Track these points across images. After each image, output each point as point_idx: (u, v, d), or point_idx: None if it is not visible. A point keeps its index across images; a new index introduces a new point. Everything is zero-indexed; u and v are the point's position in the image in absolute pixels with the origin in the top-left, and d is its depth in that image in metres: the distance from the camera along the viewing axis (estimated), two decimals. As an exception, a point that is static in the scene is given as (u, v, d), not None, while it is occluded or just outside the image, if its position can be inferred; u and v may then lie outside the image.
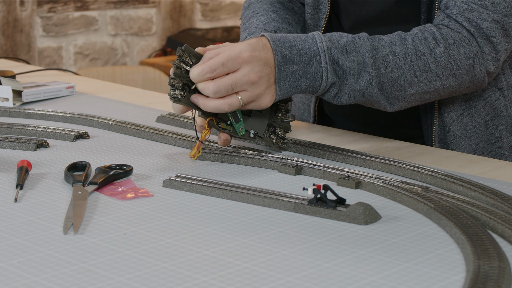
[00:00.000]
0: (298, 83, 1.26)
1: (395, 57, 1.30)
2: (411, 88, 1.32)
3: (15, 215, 1.05)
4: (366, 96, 1.30)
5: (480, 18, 1.34)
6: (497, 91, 1.48)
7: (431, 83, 1.33)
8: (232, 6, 4.73)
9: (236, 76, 1.21)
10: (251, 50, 1.22)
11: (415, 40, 1.32)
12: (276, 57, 1.24)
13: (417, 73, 1.31)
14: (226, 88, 1.21)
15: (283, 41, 1.25)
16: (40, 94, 1.74)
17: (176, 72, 1.23)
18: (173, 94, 1.22)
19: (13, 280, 0.85)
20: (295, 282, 0.85)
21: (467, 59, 1.34)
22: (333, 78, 1.27)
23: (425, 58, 1.32)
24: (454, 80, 1.35)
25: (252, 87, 1.22)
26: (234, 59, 1.21)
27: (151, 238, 0.97)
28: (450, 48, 1.33)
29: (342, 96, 1.29)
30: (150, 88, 3.42)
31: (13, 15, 3.89)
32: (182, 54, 1.23)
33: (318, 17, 1.53)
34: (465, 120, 1.46)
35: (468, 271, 0.86)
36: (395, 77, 1.30)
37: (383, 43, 1.31)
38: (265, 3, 1.55)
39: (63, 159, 1.30)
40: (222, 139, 1.29)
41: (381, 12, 1.47)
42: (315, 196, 1.05)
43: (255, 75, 1.21)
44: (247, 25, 1.52)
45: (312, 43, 1.27)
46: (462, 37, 1.34)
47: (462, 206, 1.06)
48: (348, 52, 1.28)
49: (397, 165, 1.23)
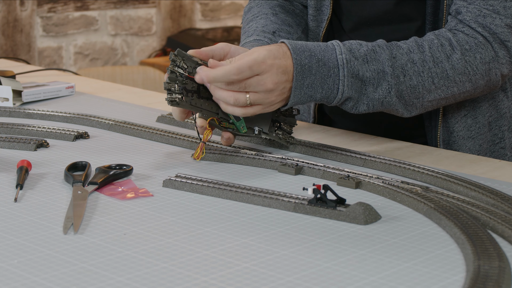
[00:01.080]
0: (314, 93, 1.26)
1: (413, 65, 1.31)
2: (429, 95, 1.33)
3: (15, 215, 1.05)
4: (385, 105, 1.31)
5: (493, 24, 1.35)
6: (501, 92, 1.49)
7: (449, 89, 1.34)
8: (232, 6, 4.73)
9: (253, 78, 1.21)
10: (273, 57, 1.22)
11: (432, 47, 1.33)
12: (296, 66, 1.24)
13: (435, 80, 1.32)
14: (240, 84, 1.21)
15: (303, 50, 1.25)
16: (40, 94, 1.74)
17: (171, 76, 1.23)
18: (170, 98, 1.23)
19: (13, 280, 0.85)
20: (295, 282, 0.85)
21: (483, 64, 1.35)
22: (349, 92, 1.27)
23: (443, 65, 1.32)
24: (470, 86, 1.36)
25: (265, 93, 1.22)
26: (259, 64, 1.21)
27: (151, 238, 0.97)
28: (466, 54, 1.34)
29: (360, 106, 1.30)
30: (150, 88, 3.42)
31: (13, 15, 3.89)
32: (175, 59, 1.24)
33: (320, 19, 1.53)
34: (469, 121, 1.46)
35: (468, 271, 0.87)
36: (414, 85, 1.31)
37: (401, 51, 1.31)
38: (265, 7, 1.55)
39: (63, 159, 1.30)
40: (225, 138, 1.29)
41: (383, 12, 1.47)
42: (315, 196, 1.05)
43: (272, 83, 1.22)
44: (247, 28, 1.52)
45: (332, 54, 1.27)
46: (478, 42, 1.35)
47: (462, 206, 1.06)
48: (369, 61, 1.28)
49: (397, 165, 1.23)
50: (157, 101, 1.75)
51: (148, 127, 1.47)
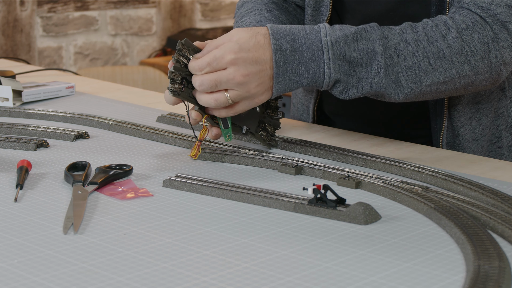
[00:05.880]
0: (299, 78, 1.25)
1: (406, 45, 1.28)
2: (427, 78, 1.28)
3: (15, 215, 1.05)
4: (374, 87, 1.27)
5: (493, 4, 1.31)
6: (499, 91, 1.48)
7: (447, 71, 1.29)
8: (232, 6, 4.73)
9: (220, 75, 1.20)
10: (237, 50, 1.21)
11: (426, 27, 1.29)
12: (275, 52, 1.23)
13: (431, 60, 1.28)
14: (210, 84, 1.20)
15: (285, 34, 1.24)
16: (40, 94, 1.74)
17: (175, 66, 1.23)
18: (173, 88, 1.22)
19: (13, 280, 0.85)
20: (295, 282, 0.85)
21: (482, 45, 1.30)
22: (336, 75, 1.25)
23: (438, 44, 1.28)
24: (470, 69, 1.30)
25: (240, 87, 1.21)
26: (219, 59, 1.20)
27: (151, 238, 0.97)
28: (463, 33, 1.30)
29: (349, 90, 1.27)
30: (150, 88, 3.42)
31: (13, 15, 3.89)
32: (182, 48, 1.23)
33: (319, 19, 1.52)
34: (474, 123, 1.45)
35: (468, 271, 0.87)
36: (409, 66, 1.27)
37: (393, 32, 1.28)
38: (259, 2, 1.54)
39: (63, 159, 1.30)
40: (214, 133, 1.28)
41: (388, 11, 1.46)
42: (315, 196, 1.05)
43: (240, 76, 1.20)
44: (240, 23, 1.51)
45: (316, 36, 1.25)
46: (475, 21, 1.31)
47: (462, 206, 1.06)
48: (358, 40, 1.25)
49: (397, 165, 1.23)
50: (157, 101, 1.75)
51: (148, 127, 1.47)
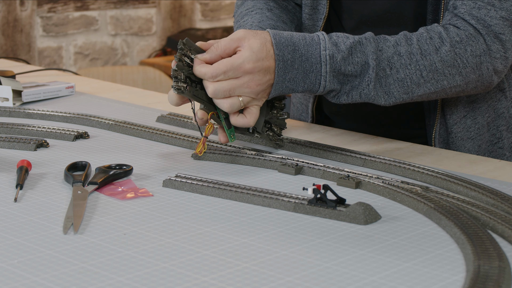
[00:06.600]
0: (295, 87, 1.27)
1: (400, 58, 1.30)
2: (418, 89, 1.31)
3: (15, 215, 1.05)
4: (363, 97, 1.30)
5: (488, 16, 1.33)
6: (499, 92, 1.48)
7: (438, 83, 1.32)
8: (232, 6, 4.73)
9: (235, 83, 1.21)
10: (254, 60, 1.22)
11: (420, 40, 1.31)
12: (278, 63, 1.24)
13: (423, 73, 1.30)
14: (224, 92, 1.22)
15: (287, 44, 1.25)
16: (40, 94, 1.74)
17: (178, 64, 1.23)
18: (177, 86, 1.22)
19: (13, 280, 0.85)
20: (295, 282, 0.85)
21: (474, 57, 1.33)
22: (331, 86, 1.27)
23: (431, 57, 1.31)
24: (461, 79, 1.33)
25: (253, 94, 1.23)
26: (236, 69, 1.21)
27: (151, 238, 0.97)
28: (456, 46, 1.32)
29: (341, 96, 1.30)
30: (150, 88, 3.42)
31: (13, 15, 3.89)
32: (183, 47, 1.23)
33: (316, 18, 1.52)
34: (469, 122, 1.45)
35: (468, 271, 0.87)
36: (401, 78, 1.30)
37: (388, 44, 1.30)
38: (259, 1, 1.54)
39: (63, 159, 1.30)
40: (222, 140, 1.29)
41: (385, 11, 1.47)
42: (315, 196, 1.05)
43: (255, 85, 1.22)
44: (241, 22, 1.51)
45: (315, 49, 1.26)
46: (469, 34, 1.33)
47: (462, 206, 1.06)
48: (353, 53, 1.27)
49: (397, 165, 1.23)
50: (157, 101, 1.75)
51: (148, 127, 1.47)
